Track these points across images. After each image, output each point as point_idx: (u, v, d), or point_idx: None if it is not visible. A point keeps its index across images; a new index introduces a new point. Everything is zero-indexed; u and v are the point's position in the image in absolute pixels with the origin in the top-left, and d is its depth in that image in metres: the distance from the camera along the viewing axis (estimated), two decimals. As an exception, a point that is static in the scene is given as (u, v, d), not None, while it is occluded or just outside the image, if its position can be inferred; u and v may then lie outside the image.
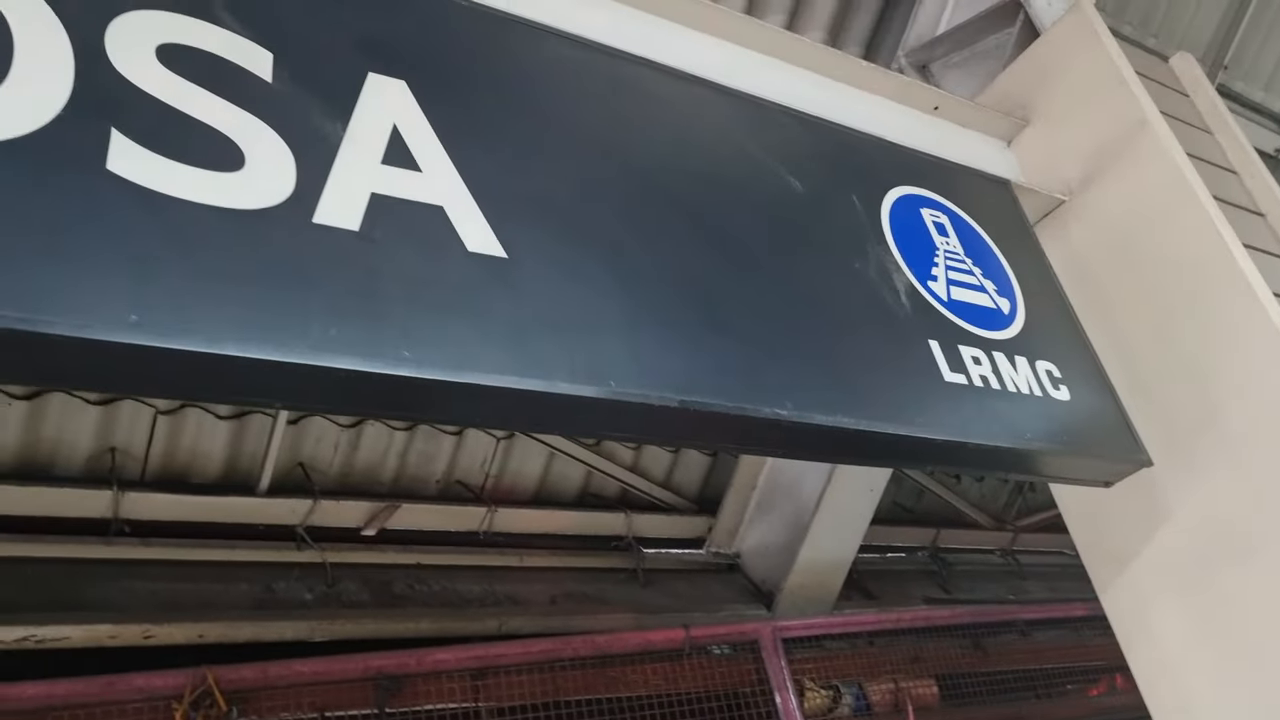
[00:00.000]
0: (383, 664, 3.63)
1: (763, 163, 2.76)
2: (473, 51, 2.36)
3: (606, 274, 2.18)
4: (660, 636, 4.19)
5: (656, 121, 2.60)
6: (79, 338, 1.53)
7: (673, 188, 2.46)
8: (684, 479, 5.44)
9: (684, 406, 2.12)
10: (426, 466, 4.65)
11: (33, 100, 1.66)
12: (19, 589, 3.43)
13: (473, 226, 2.05)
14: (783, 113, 2.96)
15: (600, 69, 2.58)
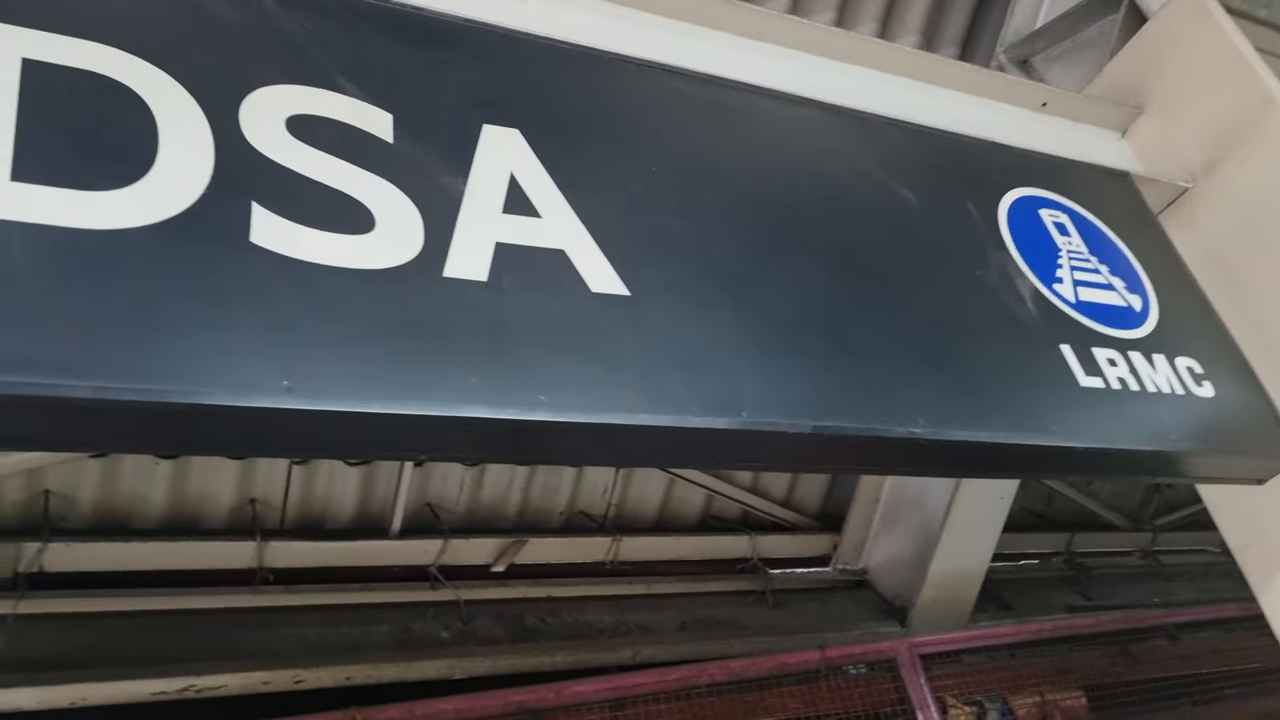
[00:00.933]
0: (523, 699, 3.67)
1: (874, 178, 2.73)
2: (580, 94, 2.40)
3: (730, 304, 2.18)
4: (795, 659, 4.15)
5: (766, 146, 2.59)
6: (239, 406, 1.60)
7: (787, 212, 2.46)
8: (805, 497, 5.38)
9: (817, 432, 2.11)
10: (550, 500, 4.70)
11: (180, 182, 1.74)
12: (177, 640, 3.58)
13: (595, 267, 2.07)
14: (889, 125, 2.92)
15: (706, 99, 2.59)
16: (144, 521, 3.95)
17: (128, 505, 3.90)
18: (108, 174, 1.70)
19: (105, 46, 1.83)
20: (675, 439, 1.98)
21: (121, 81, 1.81)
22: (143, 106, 1.80)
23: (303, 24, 2.08)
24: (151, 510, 3.95)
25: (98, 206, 1.66)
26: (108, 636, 3.53)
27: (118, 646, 3.50)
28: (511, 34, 2.38)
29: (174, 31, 1.94)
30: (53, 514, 3.74)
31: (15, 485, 3.71)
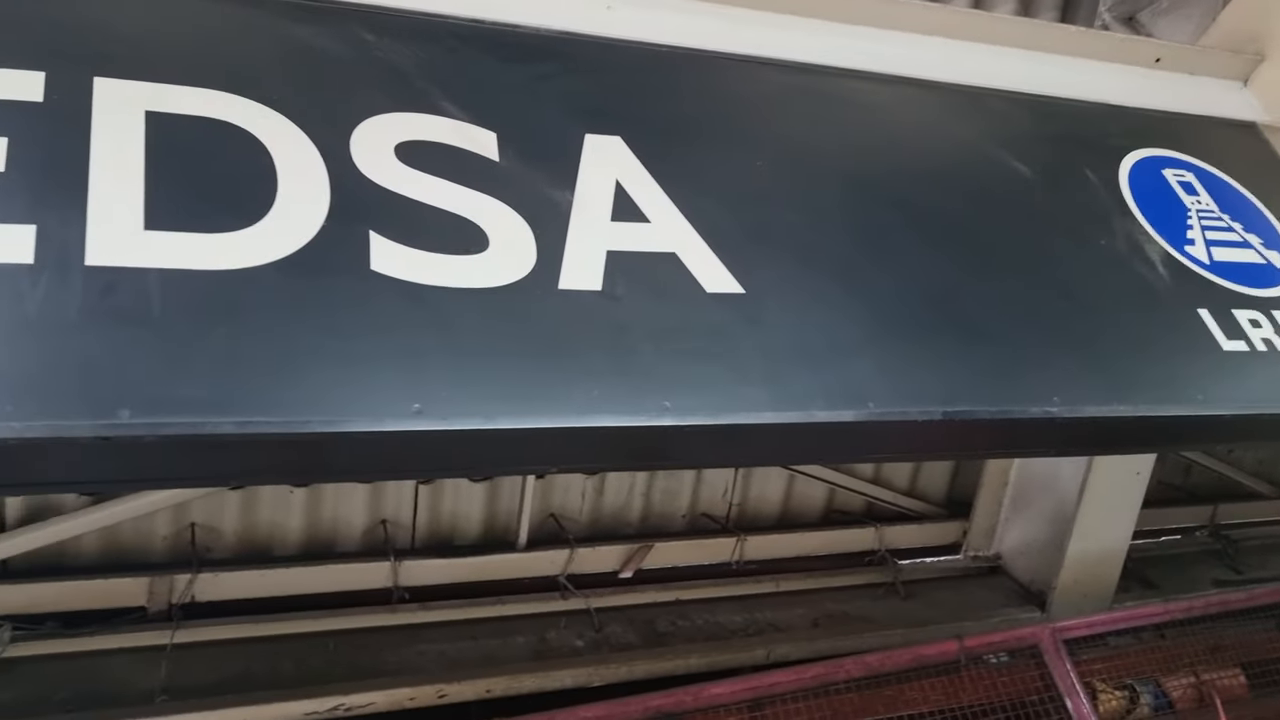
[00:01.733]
0: (661, 703, 3.66)
1: (985, 153, 2.65)
2: (677, 95, 2.39)
3: (847, 294, 2.14)
4: (933, 650, 4.04)
5: (870, 130, 2.55)
6: (373, 432, 1.63)
7: (898, 196, 2.40)
8: (929, 485, 5.27)
9: (948, 418, 2.05)
10: (671, 503, 4.70)
11: (300, 217, 1.79)
12: (324, 661, 3.69)
13: (708, 268, 2.06)
14: (995, 97, 2.83)
15: (804, 88, 2.55)
16: (284, 548, 4.08)
17: (268, 534, 4.04)
18: (232, 215, 1.75)
19: (219, 92, 1.90)
20: (802, 435, 1.95)
21: (237, 124, 1.87)
22: (259, 147, 1.86)
23: (403, 52, 2.12)
24: (290, 537, 4.08)
25: (225, 248, 1.71)
26: (260, 661, 3.66)
27: (270, 670, 3.62)
28: (603, 42, 2.39)
29: (283, 71, 1.99)
30: (200, 545, 3.89)
31: (164, 520, 3.88)
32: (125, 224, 1.67)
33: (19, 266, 1.57)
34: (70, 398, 1.49)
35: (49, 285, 1.57)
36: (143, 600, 3.76)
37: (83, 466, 1.55)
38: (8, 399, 1.46)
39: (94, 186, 1.69)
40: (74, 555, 3.82)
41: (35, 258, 1.59)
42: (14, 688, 3.42)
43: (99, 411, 1.49)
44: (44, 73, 1.79)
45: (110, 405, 1.50)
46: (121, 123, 1.78)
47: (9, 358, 1.49)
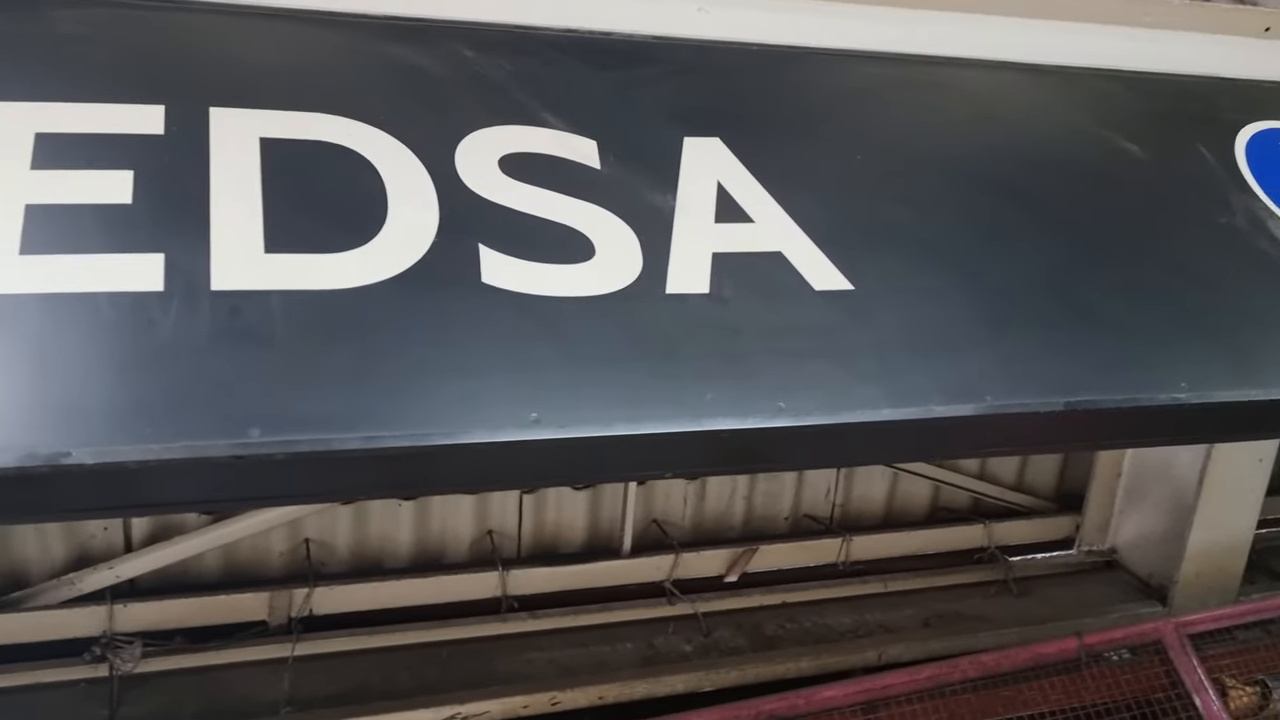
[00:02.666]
0: (774, 707, 3.63)
1: (1093, 135, 2.57)
2: (773, 92, 2.36)
3: (959, 286, 2.09)
4: (1052, 649, 3.93)
5: (972, 118, 2.49)
6: (493, 442, 1.65)
7: (1006, 183, 2.34)
8: (1037, 479, 5.13)
9: (1070, 409, 1.99)
10: (773, 506, 4.67)
11: (411, 234, 1.82)
12: (438, 670, 3.75)
13: (815, 266, 2.03)
14: (1099, 76, 2.75)
15: (899, 78, 2.50)
16: (394, 561, 4.17)
17: (378, 547, 4.13)
18: (347, 235, 1.79)
19: (327, 115, 1.94)
20: (920, 432, 1.92)
21: (346, 146, 1.91)
22: (369, 166, 1.89)
23: (502, 66, 2.14)
24: (400, 550, 4.16)
25: (342, 267, 1.75)
26: (377, 671, 3.74)
27: (387, 680, 3.69)
28: (697, 44, 2.38)
29: (386, 91, 2.03)
30: (314, 560, 3.99)
31: (280, 536, 3.99)
32: (247, 248, 1.72)
33: (150, 294, 1.62)
34: (204, 419, 1.54)
35: (178, 311, 1.62)
36: (263, 614, 3.87)
37: (217, 485, 1.60)
38: (146, 422, 1.51)
39: (215, 213, 1.74)
40: (196, 573, 3.95)
41: (165, 285, 1.64)
42: (146, 701, 3.55)
43: (231, 431, 1.54)
44: (163, 105, 1.85)
45: (241, 425, 1.55)
46: (237, 150, 1.83)
47: (146, 382, 1.54)
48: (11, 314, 1.55)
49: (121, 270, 1.63)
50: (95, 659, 3.60)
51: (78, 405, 1.50)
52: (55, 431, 1.47)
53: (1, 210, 1.63)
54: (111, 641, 3.64)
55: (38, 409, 1.49)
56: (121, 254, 1.65)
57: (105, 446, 1.47)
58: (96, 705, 3.50)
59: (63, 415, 1.48)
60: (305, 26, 2.11)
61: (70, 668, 3.60)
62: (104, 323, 1.58)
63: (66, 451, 1.45)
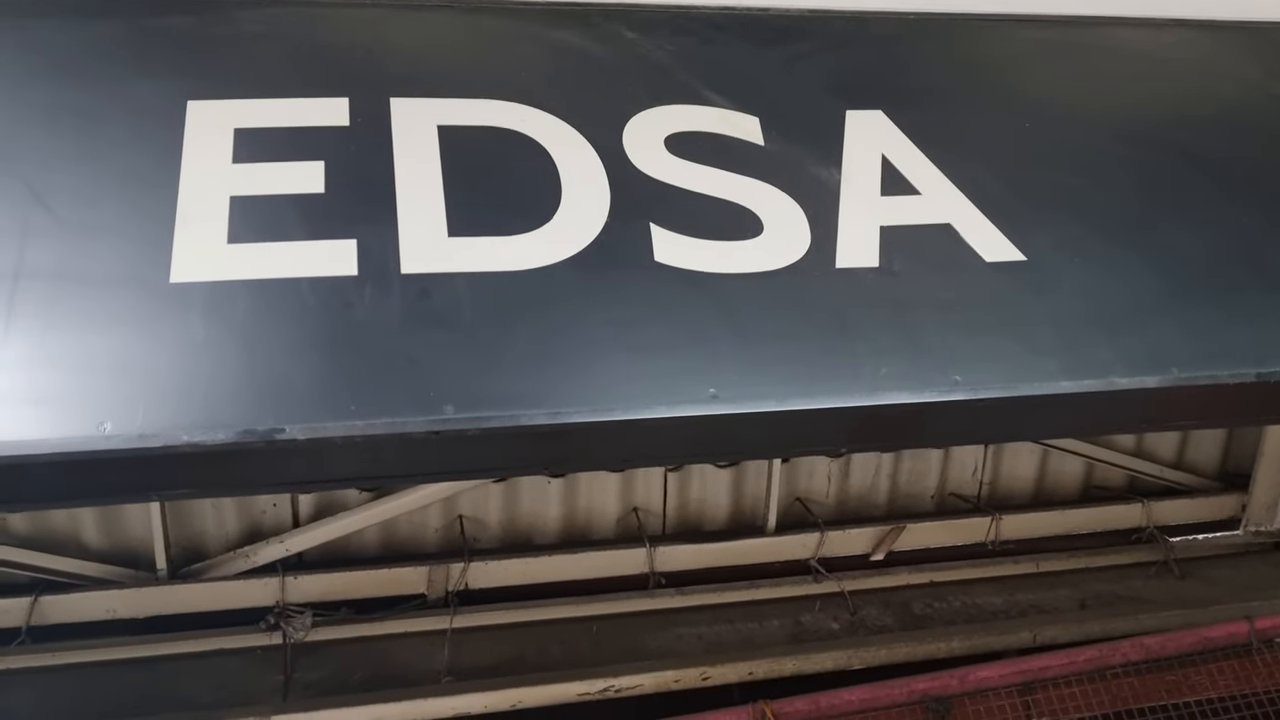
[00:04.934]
0: (927, 686, 3.58)
1: (1271, 92, 2.44)
2: (934, 62, 2.33)
3: (1137, 254, 2.03)
4: (1220, 632, 3.77)
5: (1142, 79, 2.40)
6: (673, 418, 1.68)
7: (1179, 146, 2.26)
8: (1199, 457, 4.91)
9: (1263, 379, 1.91)
10: (918, 484, 4.59)
11: (585, 215, 1.87)
12: (589, 644, 3.84)
13: (985, 237, 2.00)
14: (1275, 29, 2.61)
15: (1066, 42, 2.44)
16: (543, 537, 4.26)
17: (528, 524, 4.23)
18: (524, 217, 1.85)
19: (500, 102, 2.00)
20: (1101, 405, 1.87)
21: (519, 130, 1.96)
22: (541, 150, 1.95)
23: (662, 46, 2.17)
24: (549, 526, 4.25)
25: (521, 249, 1.81)
26: (530, 644, 3.84)
27: (540, 652, 3.80)
28: (855, 15, 2.36)
29: (552, 76, 2.08)
30: (468, 536, 4.12)
31: (435, 513, 4.13)
32: (431, 233, 1.79)
33: (346, 279, 1.71)
34: (402, 397, 1.61)
35: (372, 294, 1.71)
36: (422, 588, 4.02)
37: (415, 460, 1.67)
38: (350, 399, 1.59)
39: (401, 200, 1.82)
40: (358, 547, 4.12)
41: (359, 269, 1.72)
42: (318, 668, 3.74)
43: (427, 408, 1.61)
44: (347, 98, 1.94)
45: (437, 402, 1.62)
46: (418, 138, 1.91)
47: (347, 362, 1.63)
48: (224, 299, 1.65)
49: (319, 256, 1.72)
50: (270, 627, 3.80)
51: (287, 384, 1.59)
52: (269, 409, 1.56)
53: (210, 202, 1.74)
54: (284, 611, 3.83)
55: (251, 389, 1.59)
56: (318, 240, 1.74)
57: (315, 423, 1.56)
58: (273, 670, 3.70)
59: (275, 394, 1.58)
60: (471, 16, 2.18)
61: (247, 635, 3.81)
62: (306, 306, 1.67)
63: (280, 428, 1.54)
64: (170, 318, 1.62)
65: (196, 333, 1.61)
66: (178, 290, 1.65)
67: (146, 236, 1.70)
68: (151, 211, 1.73)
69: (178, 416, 1.53)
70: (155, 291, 1.64)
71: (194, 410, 1.54)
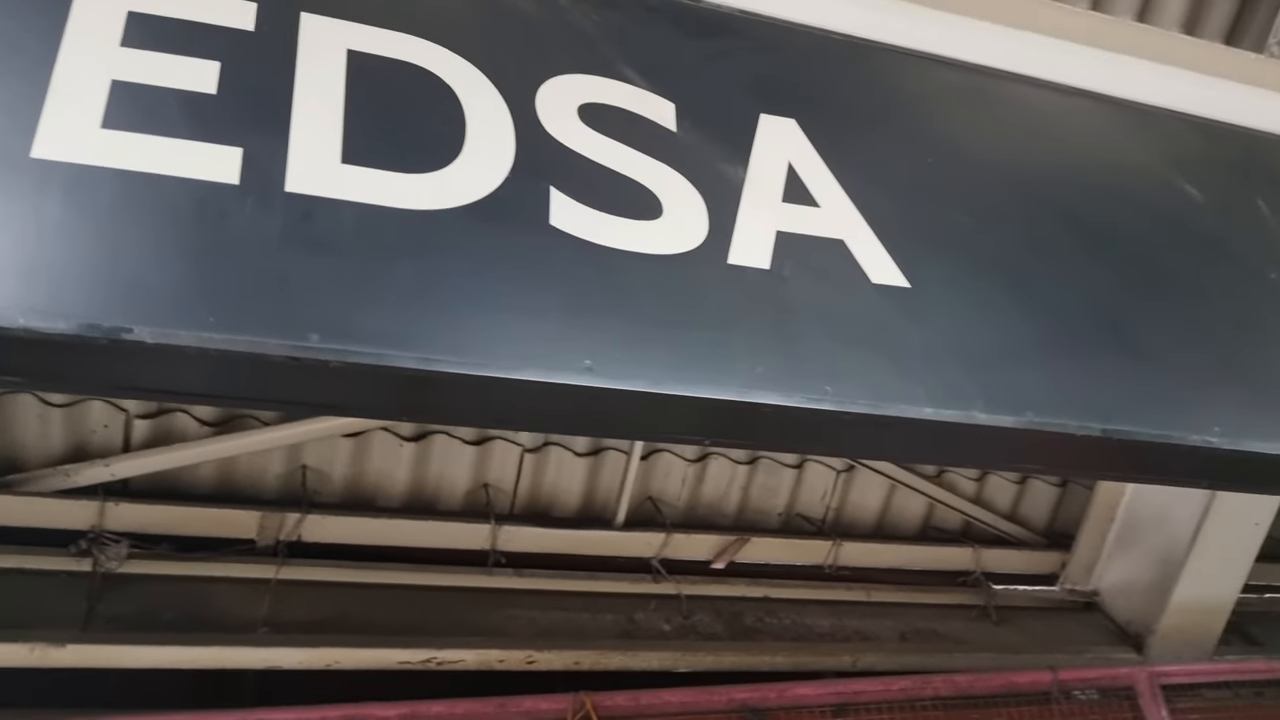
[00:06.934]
0: (746, 696, 3.65)
1: (1155, 173, 2.56)
2: (855, 85, 2.35)
3: (1012, 299, 2.09)
4: (1026, 679, 3.96)
5: (1042, 139, 2.48)
6: (544, 383, 1.65)
7: (1069, 207, 2.34)
8: (1031, 511, 5.15)
9: (1106, 435, 2.00)
10: (769, 500, 4.68)
11: (486, 166, 1.81)
12: (419, 614, 3.76)
13: (874, 258, 2.03)
14: (1170, 117, 2.73)
15: (978, 90, 2.49)
16: (387, 500, 4.16)
17: (375, 483, 4.13)
18: (423, 157, 1.78)
19: (418, 39, 1.92)
20: (958, 436, 1.92)
21: (433, 72, 1.90)
22: (451, 95, 1.88)
23: (591, 16, 2.13)
24: (395, 489, 4.16)
25: (416, 188, 1.74)
26: (357, 606, 3.74)
27: (367, 616, 3.70)
28: (784, 24, 2.36)
29: (477, 25, 2.02)
30: (310, 487, 3.99)
31: (278, 458, 3.98)
32: (324, 156, 1.71)
33: (226, 186, 1.62)
34: (266, 316, 1.53)
35: (252, 207, 1.62)
36: (252, 533, 3.87)
37: (269, 384, 1.59)
38: (209, 310, 1.50)
39: (296, 117, 1.73)
40: (190, 482, 3.94)
41: (240, 180, 1.63)
42: (126, 602, 3.55)
43: (291, 333, 1.53)
44: (256, 3, 1.83)
45: (302, 328, 1.54)
46: (324, 58, 1.82)
47: (213, 271, 1.54)
48: (88, 184, 1.54)
49: (200, 159, 1.62)
50: (80, 552, 3.60)
51: (144, 284, 1.49)
52: (119, 307, 1.46)
53: (88, 81, 1.61)
54: (99, 538, 3.63)
55: (103, 282, 1.48)
56: (201, 142, 1.64)
57: (167, 329, 1.47)
58: (77, 598, 3.50)
59: (128, 292, 1.48)
60: (400, -53, 2.10)
61: (54, 557, 3.59)
62: (177, 208, 1.57)
63: (128, 327, 1.45)
64: (25, 193, 1.50)
65: (52, 214, 1.49)
66: (38, 166, 1.52)
67: (12, 106, 1.57)
68: (22, 81, 1.59)
69: (18, 298, 1.42)
70: (13, 163, 1.51)
71: (36, 294, 1.43)
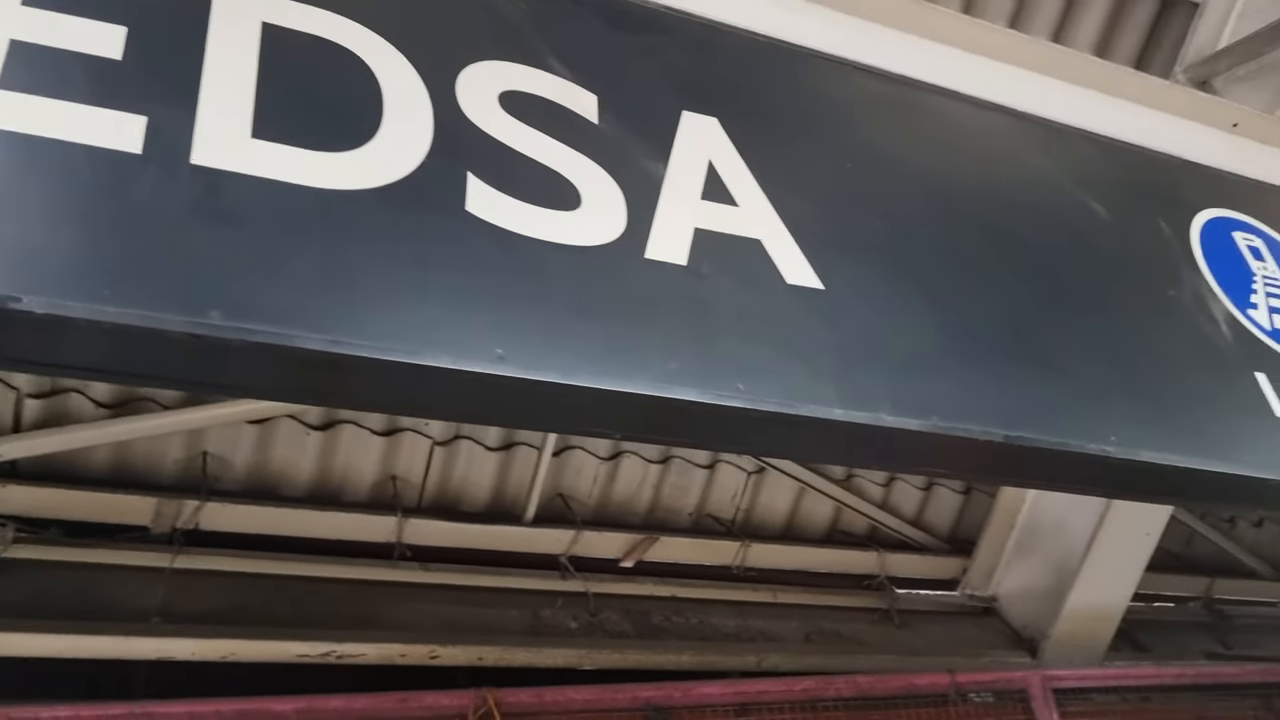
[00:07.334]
0: (650, 695, 3.65)
1: (1065, 189, 2.64)
2: (778, 87, 2.37)
3: (924, 306, 2.13)
4: (925, 681, 4.04)
5: (957, 150, 2.54)
6: (454, 370, 1.62)
7: (981, 218, 2.39)
8: (935, 518, 5.26)
9: (1008, 441, 2.05)
10: (679, 500, 4.69)
11: (402, 148, 1.78)
12: (321, 606, 3.68)
13: (790, 259, 2.05)
14: (1079, 136, 2.82)
15: (898, 99, 2.54)
16: (292, 489, 4.07)
17: (279, 472, 4.03)
18: (337, 137, 1.74)
19: (337, 15, 1.88)
20: (866, 437, 1.95)
21: (351, 50, 1.86)
22: (370, 75, 1.85)
23: (518, 4, 2.11)
24: (299, 478, 4.06)
25: (328, 167, 1.70)
26: (256, 596, 3.64)
27: (266, 607, 3.60)
28: (711, 24, 2.37)
29: (399, 4, 1.98)
30: (210, 474, 3.88)
31: (177, 443, 3.86)
32: (234, 130, 1.66)
33: (128, 155, 1.56)
34: (165, 291, 1.48)
35: (154, 178, 1.56)
36: (147, 520, 3.74)
37: (167, 362, 1.53)
38: (105, 282, 1.44)
39: (205, 88, 1.68)
40: (84, 466, 3.80)
41: (144, 148, 1.57)
42: (12, 589, 3.40)
43: (191, 309, 1.48)
44: (167, -31, 1.77)
45: (203, 305, 1.49)
46: (238, 30, 1.77)
47: (110, 242, 1.48)
48: (-21, 146, 1.47)
49: (101, 125, 1.56)
50: (-37, 536, 3.45)
51: (37, 253, 1.43)
52: (8, 274, 1.39)
53: (-16, 39, 1.54)
54: (-17, 520, 3.48)
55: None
56: (104, 108, 1.58)
57: (59, 299, 1.40)
58: (-43, 582, 3.35)
59: (20, 260, 1.41)
60: (322, -78, 2.05)
61: (-66, 540, 3.44)
62: (76, 175, 1.51)
63: (16, 296, 1.38)
64: (-91, 152, 1.42)
65: (-62, 174, 1.42)
66: (-76, 124, 1.45)
67: (-102, 60, 1.49)
68: (-90, 34, 1.52)
69: (-103, 261, 1.35)
70: (-105, 120, 1.44)
71: (-82, 258, 1.36)
